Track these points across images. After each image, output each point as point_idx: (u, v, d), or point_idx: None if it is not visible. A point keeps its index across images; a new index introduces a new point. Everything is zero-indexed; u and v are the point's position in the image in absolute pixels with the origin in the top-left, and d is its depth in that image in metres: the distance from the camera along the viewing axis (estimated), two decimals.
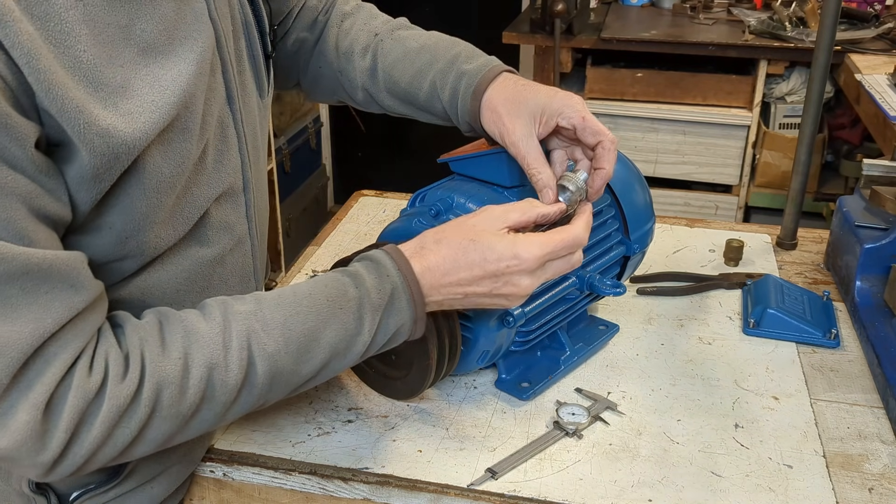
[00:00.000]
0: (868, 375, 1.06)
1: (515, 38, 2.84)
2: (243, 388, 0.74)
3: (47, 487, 0.81)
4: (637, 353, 1.10)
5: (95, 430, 0.67)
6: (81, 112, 0.64)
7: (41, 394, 0.65)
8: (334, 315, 0.77)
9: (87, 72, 0.65)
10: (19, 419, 0.64)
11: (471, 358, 0.97)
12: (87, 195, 0.68)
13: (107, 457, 0.70)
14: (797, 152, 1.36)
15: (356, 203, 1.57)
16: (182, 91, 0.72)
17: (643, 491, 0.87)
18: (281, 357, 0.75)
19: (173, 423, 0.72)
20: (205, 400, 0.72)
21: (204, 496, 0.94)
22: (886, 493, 0.87)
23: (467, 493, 0.86)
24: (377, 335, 0.80)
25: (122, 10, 0.69)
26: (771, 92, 2.77)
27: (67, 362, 0.66)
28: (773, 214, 2.80)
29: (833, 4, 1.25)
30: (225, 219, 0.85)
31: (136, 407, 0.69)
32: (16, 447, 0.65)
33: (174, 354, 0.71)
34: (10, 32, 0.59)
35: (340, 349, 0.78)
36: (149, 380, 0.69)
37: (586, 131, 0.91)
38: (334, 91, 1.11)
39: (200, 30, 0.76)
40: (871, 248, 1.17)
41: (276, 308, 0.76)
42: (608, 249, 1.07)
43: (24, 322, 0.63)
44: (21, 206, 0.63)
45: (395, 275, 0.80)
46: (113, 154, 0.67)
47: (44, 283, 0.64)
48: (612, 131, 0.93)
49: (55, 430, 0.66)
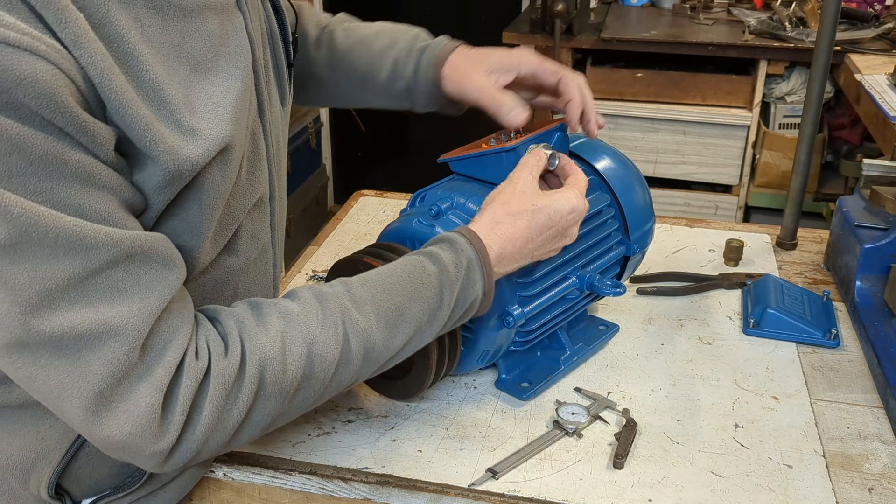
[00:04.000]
0: (868, 375, 1.06)
1: (515, 38, 2.84)
2: (340, 364, 0.76)
3: (64, 493, 0.81)
4: (637, 353, 1.10)
5: (206, 411, 0.69)
6: (150, 130, 0.65)
7: (163, 377, 0.66)
8: (417, 291, 0.81)
9: (150, 91, 0.67)
10: (142, 402, 0.66)
11: (471, 358, 0.97)
12: (154, 203, 0.70)
13: (218, 442, 0.72)
14: (797, 152, 1.36)
15: (356, 203, 1.57)
16: (234, 108, 0.74)
17: (643, 491, 0.87)
18: (373, 332, 0.78)
19: (277, 402, 0.73)
20: (305, 377, 0.74)
21: (204, 496, 0.94)
22: (886, 493, 0.87)
23: (468, 493, 0.86)
24: (455, 309, 0.84)
25: (175, 28, 0.70)
26: (771, 92, 2.77)
27: (183, 346, 0.68)
28: (773, 214, 2.80)
29: (833, 4, 1.25)
30: (253, 229, 0.86)
31: (241, 384, 0.71)
32: (138, 433, 0.66)
33: (272, 332, 0.73)
34: (85, 53, 0.61)
35: (424, 323, 0.81)
36: (250, 357, 0.71)
37: (546, 73, 1.00)
38: (296, 93, 1.13)
39: (241, 45, 0.78)
40: (871, 248, 1.17)
41: (364, 287, 0.80)
42: (608, 249, 1.07)
43: (132, 303, 0.65)
44: (114, 197, 0.65)
45: (469, 251, 0.85)
46: (177, 171, 0.68)
47: (144, 264, 0.66)
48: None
49: (173, 415, 0.67)
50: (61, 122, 0.60)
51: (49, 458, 0.78)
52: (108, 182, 0.64)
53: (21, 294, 0.61)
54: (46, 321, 0.62)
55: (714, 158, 2.83)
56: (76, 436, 0.78)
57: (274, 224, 0.92)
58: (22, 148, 0.58)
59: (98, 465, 0.80)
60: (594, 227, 1.04)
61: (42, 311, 0.62)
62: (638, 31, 2.77)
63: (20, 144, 0.58)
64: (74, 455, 0.79)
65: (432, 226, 0.95)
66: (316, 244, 1.41)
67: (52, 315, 0.62)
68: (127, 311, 0.64)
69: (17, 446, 0.78)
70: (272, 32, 0.89)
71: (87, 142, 0.62)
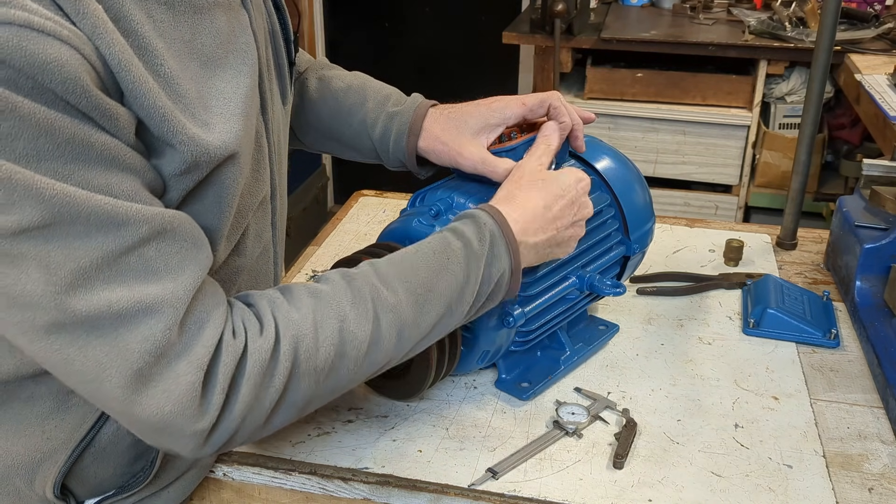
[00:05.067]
0: (868, 375, 1.06)
1: (515, 38, 2.84)
2: (372, 342, 0.76)
3: (69, 493, 0.81)
4: (637, 353, 1.10)
5: (244, 390, 0.69)
6: (169, 118, 0.66)
7: (203, 355, 0.66)
8: (443, 266, 0.81)
9: (166, 84, 0.67)
10: (183, 381, 0.66)
11: (471, 358, 0.97)
12: (174, 193, 0.70)
13: (254, 423, 0.72)
14: (797, 152, 1.36)
15: (356, 203, 1.57)
16: (243, 103, 0.74)
17: (643, 491, 0.87)
18: (402, 309, 0.78)
19: (310, 382, 0.73)
20: (338, 355, 0.74)
21: (204, 496, 0.94)
22: (886, 493, 0.87)
23: (468, 493, 0.86)
24: (482, 285, 0.83)
25: (186, 24, 0.71)
26: (771, 92, 2.77)
27: (220, 324, 0.68)
28: (773, 214, 2.80)
29: (833, 4, 1.25)
30: (256, 227, 0.86)
31: (277, 363, 0.71)
32: (179, 412, 0.66)
33: (304, 311, 0.73)
34: (104, 42, 0.62)
35: (453, 299, 0.81)
36: (284, 334, 0.71)
37: (532, 110, 0.99)
38: None
39: (248, 42, 0.78)
40: (871, 248, 1.17)
41: (390, 265, 0.80)
42: (608, 249, 1.07)
43: (166, 281, 0.65)
44: (138, 178, 0.65)
45: (490, 222, 0.85)
46: (195, 160, 0.68)
47: (174, 242, 0.67)
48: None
49: (212, 394, 0.67)
50: (85, 105, 0.61)
51: (55, 458, 0.78)
52: (133, 164, 0.65)
53: (56, 274, 0.61)
54: (82, 300, 0.62)
55: (714, 158, 2.83)
56: (82, 436, 0.78)
57: (275, 223, 0.92)
58: (49, 131, 0.59)
59: (103, 465, 0.80)
60: (594, 227, 1.04)
61: (78, 290, 0.62)
62: (638, 31, 2.77)
63: (47, 128, 0.59)
64: (80, 455, 0.79)
65: (432, 226, 0.95)
66: (316, 244, 1.41)
67: (87, 294, 0.62)
68: (162, 288, 0.65)
69: (23, 446, 0.78)
70: (273, 31, 0.89)
71: (110, 125, 0.63)
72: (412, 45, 3.80)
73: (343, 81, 1.10)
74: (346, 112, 1.08)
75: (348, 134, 1.09)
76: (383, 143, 1.06)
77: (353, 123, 1.08)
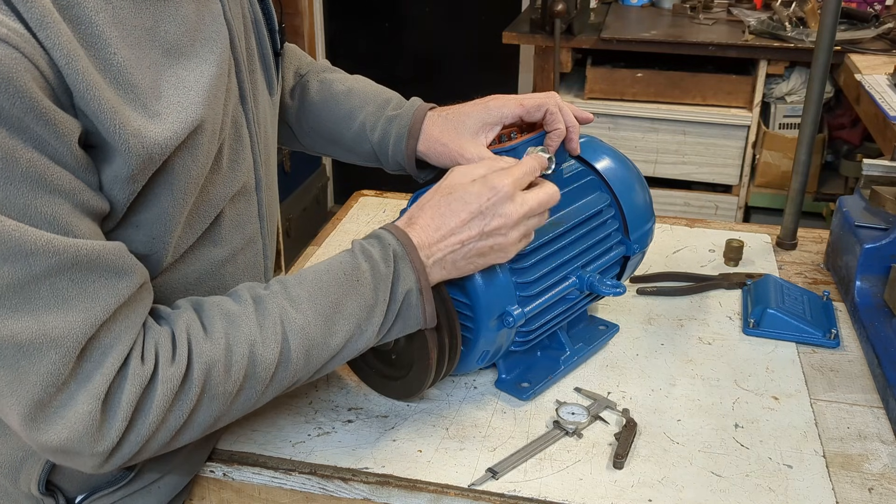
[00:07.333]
0: (868, 375, 1.06)
1: (515, 38, 2.84)
2: (280, 363, 0.76)
3: (56, 489, 0.81)
4: (637, 353, 1.10)
5: (151, 415, 0.69)
6: (116, 113, 0.65)
7: (101, 384, 0.66)
8: (352, 287, 0.81)
9: (117, 74, 0.66)
10: (80, 410, 0.65)
11: (471, 358, 0.97)
12: (122, 195, 0.69)
13: (159, 443, 0.72)
14: (797, 152, 1.36)
15: (356, 203, 1.57)
16: (206, 92, 0.73)
17: (643, 491, 0.87)
18: (311, 329, 0.78)
19: (220, 404, 0.74)
20: (247, 377, 0.75)
21: (204, 496, 0.94)
22: (886, 493, 0.87)
23: (467, 493, 0.86)
24: (390, 304, 0.83)
25: (148, 12, 0.70)
26: (771, 92, 2.77)
27: (124, 353, 0.67)
28: (773, 214, 2.80)
29: (833, 4, 1.25)
30: (238, 218, 0.86)
31: (188, 388, 0.71)
32: (76, 438, 0.66)
33: (216, 335, 0.73)
34: (50, 34, 0.60)
35: (362, 319, 0.81)
36: (197, 361, 0.71)
37: (529, 112, 0.98)
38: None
39: (218, 31, 0.77)
40: (871, 248, 1.17)
41: (300, 286, 0.80)
42: (608, 249, 1.07)
43: (75, 313, 0.64)
44: (65, 201, 0.64)
45: (394, 243, 0.84)
46: (147, 155, 0.67)
47: (91, 273, 0.65)
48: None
49: (114, 420, 0.67)
50: (19, 110, 0.58)
51: (36, 456, 0.79)
52: (61, 185, 0.63)
53: None
54: None
55: (714, 158, 2.83)
56: None
57: (263, 214, 0.91)
58: None
59: None
60: (594, 227, 1.04)
61: None
62: (638, 31, 2.77)
63: None
64: None
65: None
66: (316, 244, 1.41)
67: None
68: (70, 320, 0.64)
69: (3, 445, 0.79)
70: (256, 20, 0.89)
71: (47, 133, 0.61)
72: (412, 45, 3.80)
73: (344, 85, 1.10)
74: (346, 115, 1.08)
75: (348, 137, 1.09)
76: (382, 147, 1.06)
77: (353, 127, 1.08)
